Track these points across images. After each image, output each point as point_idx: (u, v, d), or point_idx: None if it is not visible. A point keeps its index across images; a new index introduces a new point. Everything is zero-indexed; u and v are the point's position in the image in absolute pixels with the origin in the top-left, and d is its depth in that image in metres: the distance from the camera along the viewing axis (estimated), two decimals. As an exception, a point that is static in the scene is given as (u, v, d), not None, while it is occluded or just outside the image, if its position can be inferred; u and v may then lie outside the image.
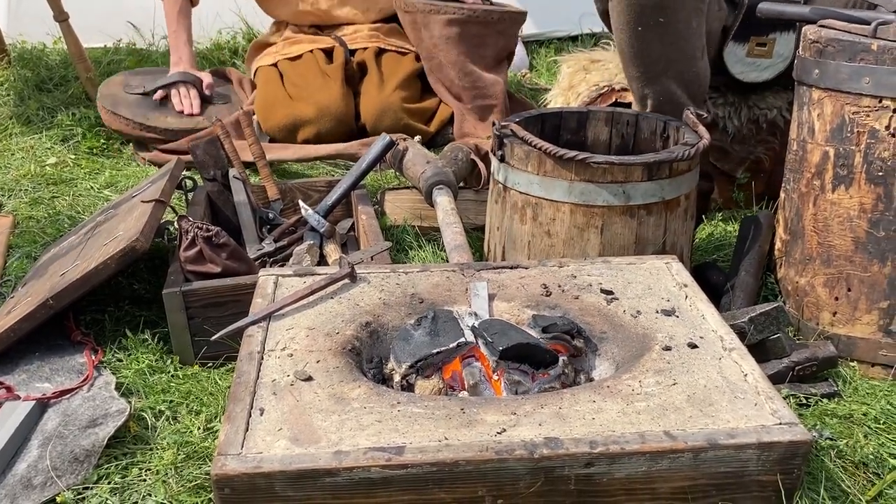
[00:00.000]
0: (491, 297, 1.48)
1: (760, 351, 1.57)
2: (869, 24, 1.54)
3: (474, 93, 2.83)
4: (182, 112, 2.87)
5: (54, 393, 1.48)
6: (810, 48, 1.63)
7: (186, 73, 2.94)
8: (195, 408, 1.50)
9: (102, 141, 2.96)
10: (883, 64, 1.49)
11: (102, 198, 2.51)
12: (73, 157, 2.83)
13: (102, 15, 3.76)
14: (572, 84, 2.62)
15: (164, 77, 2.95)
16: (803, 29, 1.68)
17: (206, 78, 2.98)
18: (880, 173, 1.54)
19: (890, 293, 1.59)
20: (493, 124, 1.81)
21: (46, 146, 2.91)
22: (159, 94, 2.89)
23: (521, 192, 1.73)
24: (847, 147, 1.57)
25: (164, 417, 1.47)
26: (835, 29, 1.62)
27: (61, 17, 3.19)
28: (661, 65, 1.89)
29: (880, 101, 1.51)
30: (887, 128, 1.52)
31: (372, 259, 1.73)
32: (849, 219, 1.60)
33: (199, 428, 1.44)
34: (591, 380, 1.35)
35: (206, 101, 2.94)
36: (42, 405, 1.45)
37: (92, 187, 2.60)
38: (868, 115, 1.53)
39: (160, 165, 2.76)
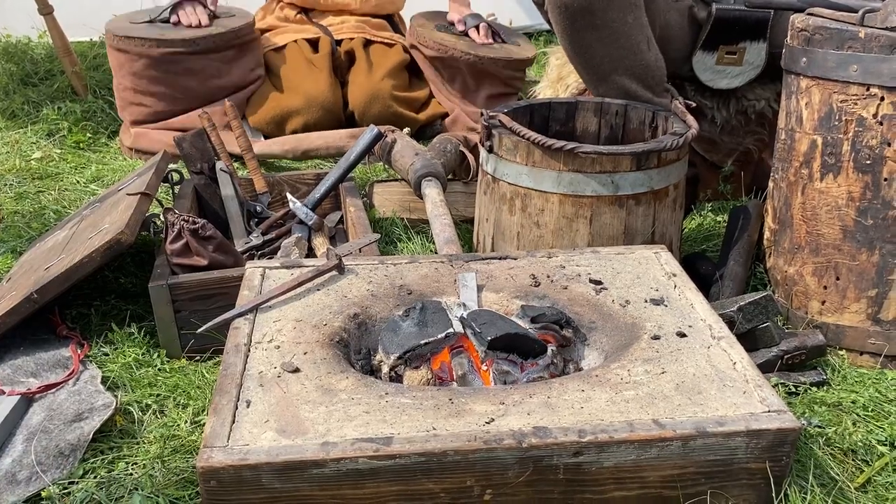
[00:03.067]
0: (480, 288, 1.47)
1: (750, 340, 1.57)
2: (856, 11, 1.54)
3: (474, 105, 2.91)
4: (190, 26, 2.79)
5: (39, 387, 1.46)
6: (798, 36, 1.62)
7: None
8: (182, 401, 1.49)
9: (89, 135, 2.94)
10: (870, 52, 1.49)
11: (88, 192, 2.49)
12: (58, 151, 2.81)
13: (88, 8, 3.72)
14: (561, 76, 2.61)
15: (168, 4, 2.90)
16: (791, 17, 1.67)
17: None
18: (868, 161, 1.54)
19: (878, 281, 1.59)
20: (482, 114, 1.80)
21: (32, 140, 2.89)
22: (164, 17, 2.82)
23: (509, 183, 1.72)
24: (835, 135, 1.57)
25: (150, 411, 1.46)
26: (822, 17, 1.62)
27: (46, 10, 3.16)
28: (607, 64, 1.90)
29: (868, 89, 1.51)
30: (875, 116, 1.52)
31: (360, 251, 1.72)
32: (837, 207, 1.60)
33: (185, 421, 1.43)
34: (580, 369, 1.35)
35: (212, 16, 2.88)
36: (27, 400, 1.44)
37: (78, 182, 2.58)
38: (856, 104, 1.53)
39: (145, 153, 2.74)
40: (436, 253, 1.77)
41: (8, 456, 1.31)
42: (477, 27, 2.98)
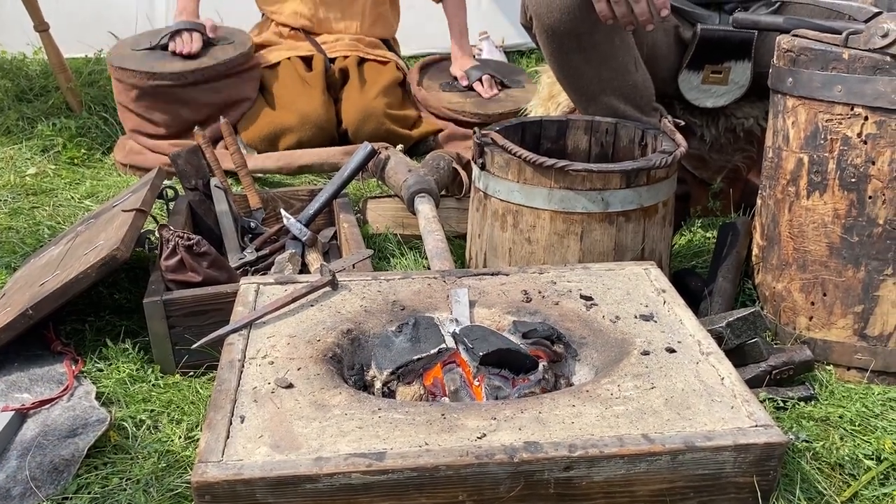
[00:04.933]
0: (472, 304, 1.49)
1: (738, 355, 1.59)
2: (840, 33, 1.57)
3: None
4: (182, 54, 2.82)
5: (34, 403, 1.47)
6: (784, 57, 1.65)
7: (188, 21, 2.91)
8: (176, 417, 1.50)
9: (83, 151, 2.95)
10: (854, 72, 1.52)
11: (83, 208, 2.50)
12: (53, 167, 2.82)
13: (83, 25, 3.75)
14: (552, 94, 2.63)
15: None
16: (777, 38, 1.71)
17: (209, 22, 2.95)
18: (853, 179, 1.57)
19: (864, 297, 1.61)
20: (474, 132, 1.83)
21: (26, 156, 2.90)
22: (163, 43, 2.86)
23: (501, 200, 1.75)
24: (821, 154, 1.60)
25: (144, 427, 1.46)
26: (807, 38, 1.65)
27: (41, 26, 3.18)
28: (596, 85, 1.93)
29: (852, 109, 1.54)
30: (859, 135, 1.54)
31: (353, 267, 1.73)
32: (823, 224, 1.63)
33: (179, 437, 1.43)
34: (571, 384, 1.37)
35: (209, 43, 2.91)
36: (21, 415, 1.44)
37: (72, 197, 2.59)
38: (840, 123, 1.56)
39: (140, 170, 2.76)
40: (428, 269, 1.79)
41: (2, 472, 1.32)
42: (480, 79, 3.03)
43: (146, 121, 2.83)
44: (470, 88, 3.04)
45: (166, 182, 2.13)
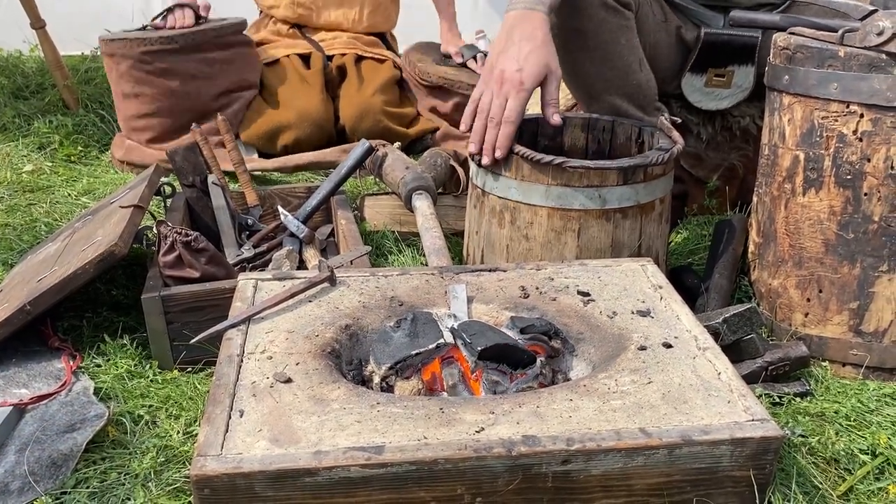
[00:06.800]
0: (470, 300, 1.49)
1: (734, 351, 1.59)
2: (836, 31, 1.58)
3: None
4: (174, 28, 2.81)
5: (31, 398, 1.47)
6: (780, 55, 1.66)
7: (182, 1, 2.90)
8: (174, 412, 1.50)
9: (80, 148, 2.95)
10: (850, 70, 1.53)
11: (80, 205, 2.50)
12: (49, 164, 2.82)
13: (80, 22, 3.75)
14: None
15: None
16: (773, 36, 1.72)
17: (204, 1, 2.93)
18: (848, 177, 1.58)
19: (859, 294, 1.62)
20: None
21: (23, 154, 2.90)
22: (156, 24, 2.86)
23: (499, 197, 1.75)
24: (817, 151, 1.61)
25: (143, 422, 1.47)
26: (803, 36, 1.66)
27: (38, 24, 3.18)
28: (599, 83, 1.94)
29: (847, 107, 1.55)
30: (854, 132, 1.55)
31: (351, 263, 1.74)
32: (819, 221, 1.64)
33: (178, 432, 1.43)
34: (569, 379, 1.37)
35: (203, 21, 2.90)
36: (19, 410, 1.44)
37: (69, 194, 2.58)
38: (836, 120, 1.57)
39: (137, 167, 2.76)
40: (426, 265, 1.79)
41: (0, 466, 1.32)
42: (475, 57, 3.04)
43: (133, 98, 2.77)
44: (463, 66, 3.04)
45: (163, 179, 2.13)
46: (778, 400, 1.54)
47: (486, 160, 1.71)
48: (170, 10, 2.86)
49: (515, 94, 1.67)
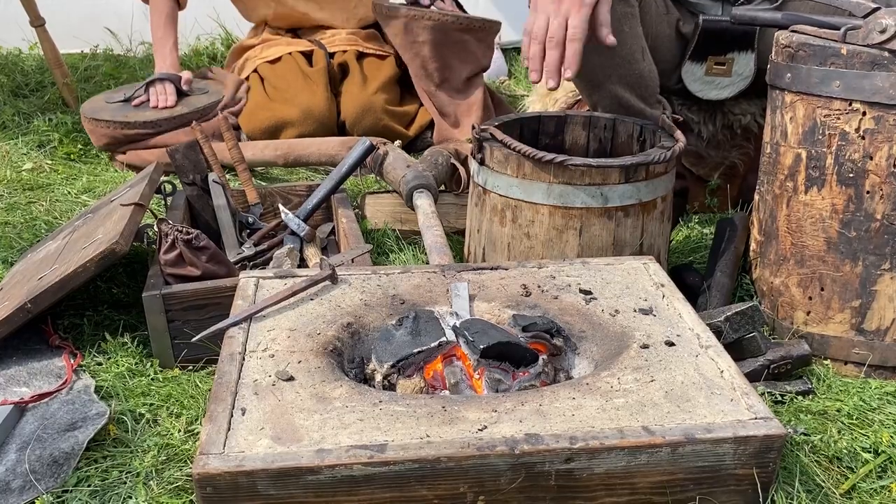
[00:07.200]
0: (471, 298, 1.49)
1: (736, 350, 1.59)
2: (839, 29, 1.58)
3: (455, 93, 2.92)
4: (157, 107, 2.83)
5: (32, 397, 1.47)
6: (782, 52, 1.66)
7: (163, 72, 2.92)
8: (175, 410, 1.50)
9: (80, 146, 2.94)
10: (852, 68, 1.53)
11: (80, 203, 2.50)
12: (49, 162, 2.81)
13: (79, 20, 3.75)
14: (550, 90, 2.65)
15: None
16: (775, 34, 1.71)
17: (185, 75, 2.95)
18: (851, 175, 1.58)
19: (861, 292, 1.62)
20: (473, 128, 1.83)
21: (22, 152, 2.89)
22: (138, 95, 2.87)
23: (500, 195, 1.75)
24: (819, 149, 1.61)
25: (144, 420, 1.46)
26: (805, 34, 1.66)
27: (37, 22, 3.17)
28: (602, 72, 1.92)
29: (850, 104, 1.55)
30: (857, 130, 1.55)
31: (353, 261, 1.73)
32: (821, 219, 1.63)
33: (179, 430, 1.43)
34: (571, 378, 1.37)
35: (183, 94, 2.91)
36: (20, 409, 1.44)
37: (69, 193, 2.58)
38: (839, 118, 1.57)
39: (137, 169, 2.75)
40: (428, 263, 1.79)
41: (1, 465, 1.32)
42: None
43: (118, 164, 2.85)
44: (430, 5, 3.02)
45: (164, 177, 2.12)
46: (780, 398, 1.53)
47: (552, 83, 1.63)
48: (150, 83, 2.87)
49: (577, 11, 1.59)
